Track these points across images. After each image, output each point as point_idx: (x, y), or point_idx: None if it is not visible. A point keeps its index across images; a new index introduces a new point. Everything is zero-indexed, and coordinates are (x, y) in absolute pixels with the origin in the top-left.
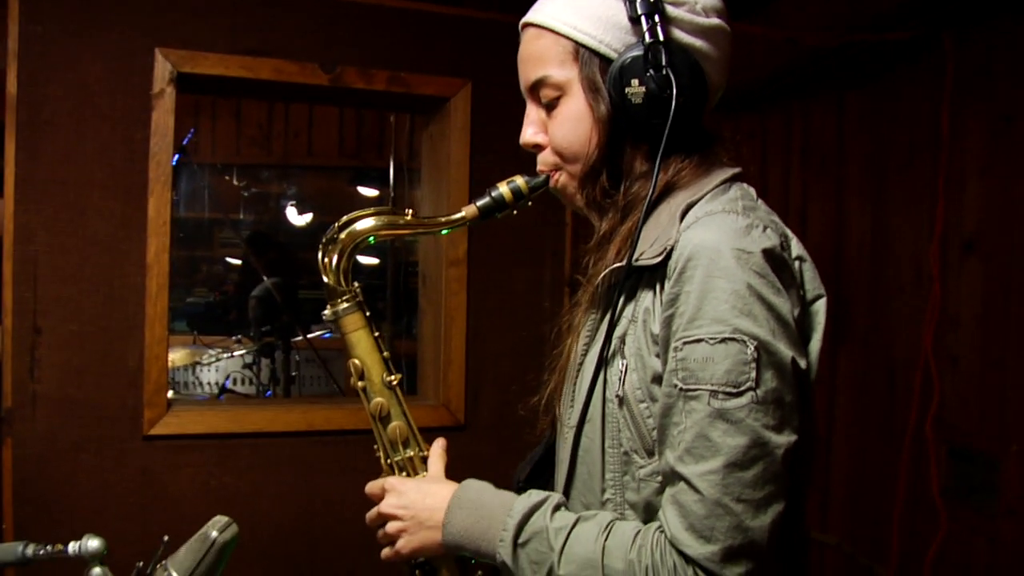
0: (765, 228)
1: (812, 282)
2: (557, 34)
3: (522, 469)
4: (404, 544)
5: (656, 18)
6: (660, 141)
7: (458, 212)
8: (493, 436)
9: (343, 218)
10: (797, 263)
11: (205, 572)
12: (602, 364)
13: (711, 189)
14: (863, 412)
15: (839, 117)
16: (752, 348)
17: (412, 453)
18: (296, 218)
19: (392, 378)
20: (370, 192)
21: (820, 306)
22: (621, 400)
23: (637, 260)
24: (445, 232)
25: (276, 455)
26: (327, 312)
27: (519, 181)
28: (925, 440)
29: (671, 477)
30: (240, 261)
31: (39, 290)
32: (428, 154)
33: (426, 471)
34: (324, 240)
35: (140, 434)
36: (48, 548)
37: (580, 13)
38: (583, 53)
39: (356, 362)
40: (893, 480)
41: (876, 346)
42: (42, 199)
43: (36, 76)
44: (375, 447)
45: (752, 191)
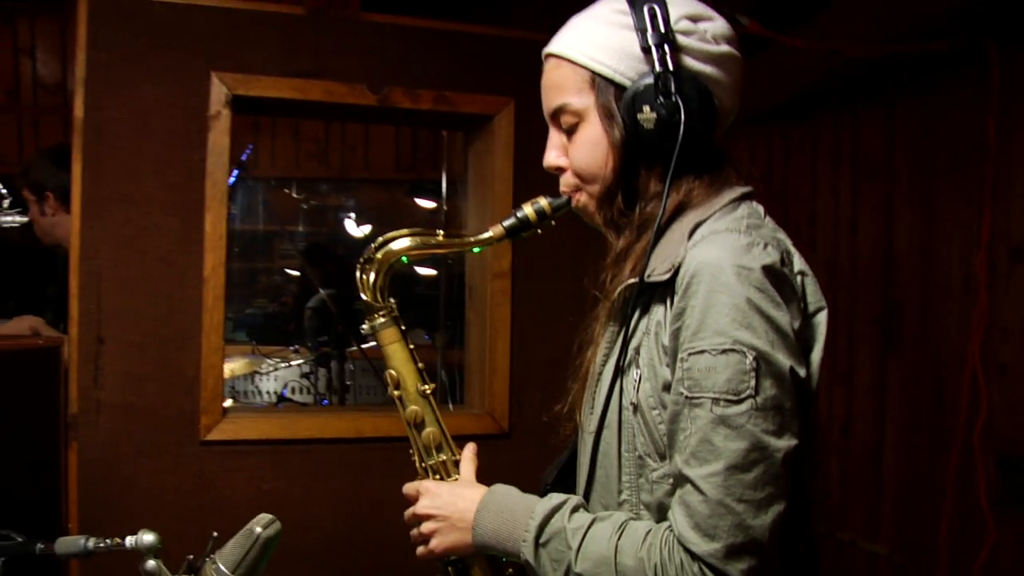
0: (766, 245)
1: (814, 295)
2: (575, 64)
3: (549, 472)
4: (437, 543)
5: (666, 48)
6: (671, 163)
7: (486, 232)
8: (536, 443)
9: (379, 239)
10: (799, 277)
11: (249, 566)
12: (618, 374)
13: (720, 208)
14: (912, 420)
15: (888, 126)
16: (751, 358)
17: (445, 457)
18: (355, 230)
19: (426, 387)
20: (427, 204)
21: (822, 318)
22: (636, 407)
23: (649, 276)
24: (477, 250)
25: (326, 460)
26: (365, 326)
27: (543, 202)
28: (973, 449)
29: (679, 479)
30: (298, 272)
31: (103, 302)
32: (473, 170)
33: (458, 474)
34: (362, 260)
35: (197, 439)
36: (107, 541)
37: (596, 44)
38: (599, 82)
39: (392, 372)
40: (942, 489)
41: (925, 354)
42: (106, 216)
43: (100, 100)
44: (411, 451)
45: (760, 209)
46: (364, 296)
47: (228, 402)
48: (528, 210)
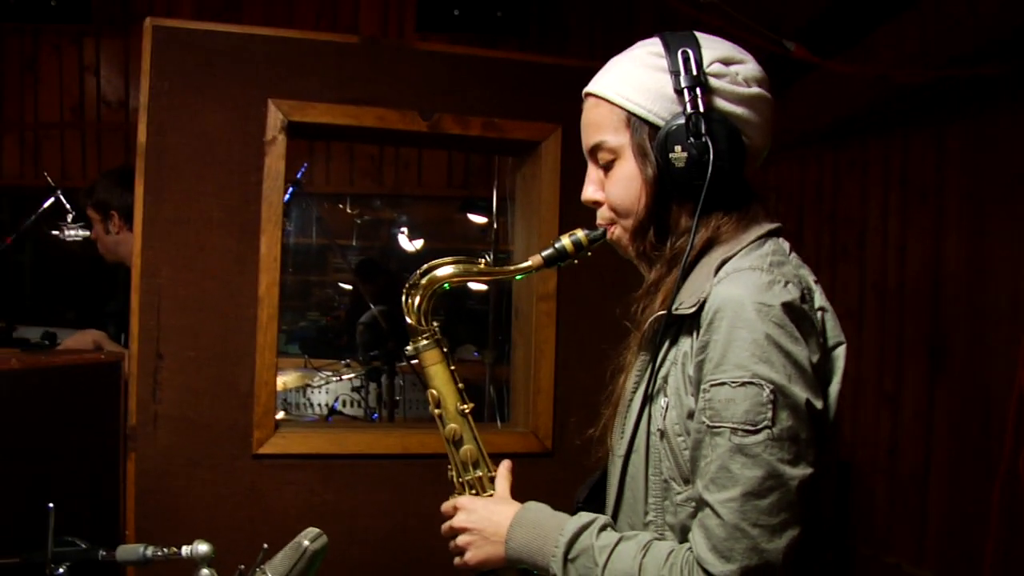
0: (787, 283)
1: (833, 330)
2: (612, 104)
3: (581, 492)
4: (472, 556)
5: (698, 90)
6: (700, 200)
7: (526, 261)
8: (578, 463)
9: (424, 266)
10: (819, 313)
11: None
12: (647, 401)
13: (747, 245)
14: (960, 445)
15: (938, 150)
16: (768, 391)
17: (481, 473)
18: (407, 244)
19: (465, 407)
20: (479, 219)
21: (840, 352)
22: (662, 433)
23: (677, 309)
24: (519, 278)
25: (374, 475)
26: (409, 348)
27: (579, 234)
28: (1019, 476)
29: (699, 503)
30: (351, 287)
31: (162, 319)
32: (521, 194)
33: (494, 490)
34: (408, 285)
35: (250, 452)
36: (164, 550)
37: (632, 85)
38: (634, 121)
39: (434, 392)
40: (988, 515)
41: (973, 379)
42: (166, 237)
43: (163, 126)
44: (449, 467)
45: (786, 246)
46: (409, 319)
47: (280, 414)
48: (566, 241)
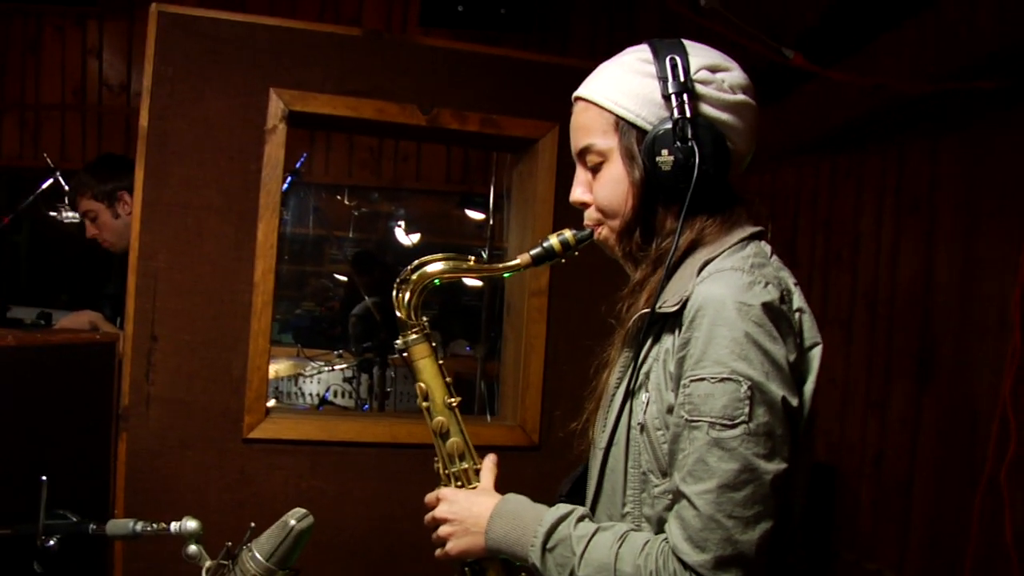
0: (767, 284)
1: (810, 331)
2: (601, 108)
3: (564, 484)
4: (452, 546)
5: (685, 96)
6: (685, 203)
7: (515, 259)
8: (565, 457)
9: (414, 262)
10: (797, 314)
11: (283, 555)
12: (628, 396)
13: (729, 247)
14: (945, 454)
15: (932, 161)
16: (746, 387)
17: (467, 466)
18: (404, 238)
19: (452, 400)
20: (477, 215)
21: (816, 352)
22: (643, 427)
23: (660, 308)
24: (507, 276)
25: (362, 463)
26: (398, 342)
27: (567, 234)
28: (1000, 485)
29: (676, 494)
30: (346, 278)
31: (158, 302)
32: (517, 190)
33: (478, 482)
34: (398, 280)
35: (240, 437)
36: (154, 525)
37: (621, 90)
38: (622, 125)
39: (422, 385)
40: (969, 524)
41: (960, 389)
42: (165, 221)
43: (164, 112)
44: (435, 459)
45: (767, 248)
46: (399, 314)
47: (271, 402)
48: (553, 241)
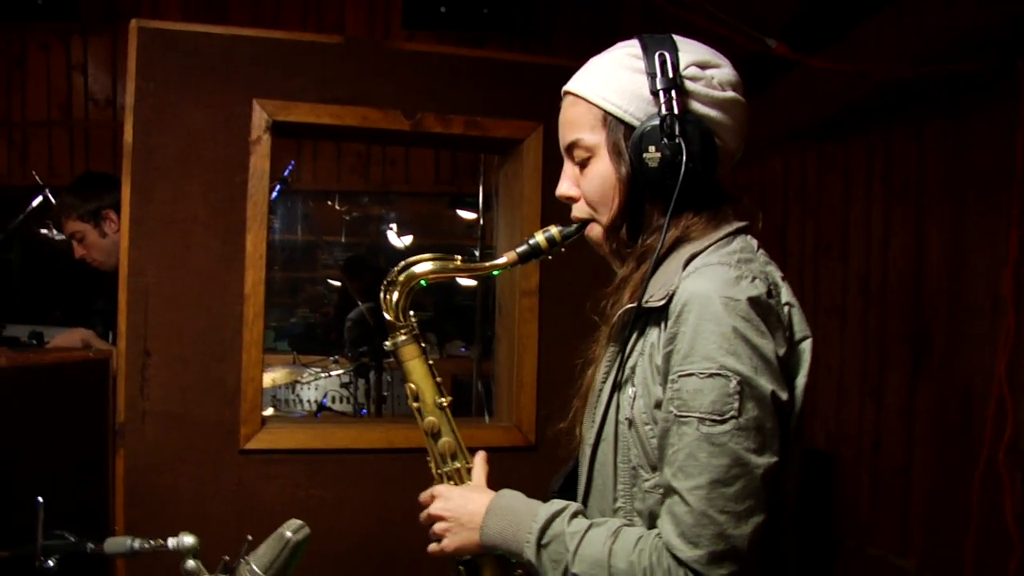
0: (753, 278)
1: (799, 324)
2: (589, 103)
3: (556, 481)
4: (448, 542)
5: (673, 92)
6: (672, 200)
7: (501, 258)
8: (559, 455)
9: (401, 263)
10: (786, 308)
11: (280, 568)
12: (615, 390)
13: (715, 242)
14: (941, 437)
15: (918, 145)
16: (735, 382)
17: (459, 465)
18: (396, 241)
19: (443, 400)
20: (468, 215)
21: (806, 346)
22: (630, 422)
23: (646, 302)
24: (496, 273)
25: (360, 470)
26: (388, 343)
27: (553, 231)
28: (998, 466)
29: (667, 490)
30: (339, 284)
31: (149, 317)
32: (504, 191)
33: (471, 480)
34: (386, 282)
35: (236, 448)
36: (151, 542)
37: (610, 85)
38: (610, 120)
39: (412, 386)
40: (969, 506)
41: (954, 372)
42: (153, 236)
43: (148, 127)
44: (428, 459)
45: (754, 243)
46: (387, 315)
47: (269, 411)
48: (540, 238)
